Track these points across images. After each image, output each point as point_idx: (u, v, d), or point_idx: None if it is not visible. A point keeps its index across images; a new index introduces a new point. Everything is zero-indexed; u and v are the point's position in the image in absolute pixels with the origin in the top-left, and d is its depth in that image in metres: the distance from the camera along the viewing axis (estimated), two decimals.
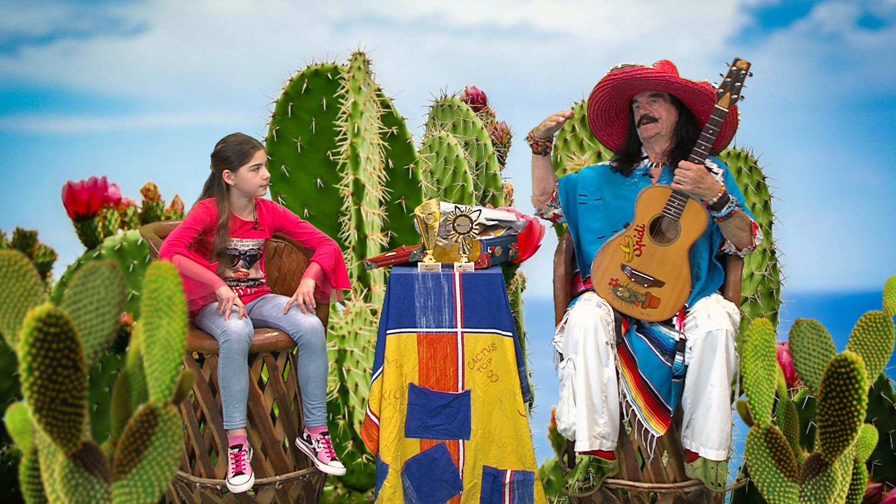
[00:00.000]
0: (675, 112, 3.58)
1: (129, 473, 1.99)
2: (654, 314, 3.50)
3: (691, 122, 3.58)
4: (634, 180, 3.62)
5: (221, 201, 3.55)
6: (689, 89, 3.50)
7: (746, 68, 3.47)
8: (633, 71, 3.52)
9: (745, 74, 3.47)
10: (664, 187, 3.50)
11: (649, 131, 3.58)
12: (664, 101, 3.56)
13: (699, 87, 3.49)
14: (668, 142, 3.60)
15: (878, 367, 2.61)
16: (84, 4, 24.82)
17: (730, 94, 3.46)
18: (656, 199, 3.49)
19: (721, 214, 3.44)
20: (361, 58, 4.30)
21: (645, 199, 3.51)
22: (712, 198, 3.42)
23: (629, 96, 3.62)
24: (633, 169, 3.65)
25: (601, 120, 3.69)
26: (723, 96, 3.46)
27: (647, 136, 3.59)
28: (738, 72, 3.47)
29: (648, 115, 3.57)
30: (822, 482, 2.47)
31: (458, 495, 3.55)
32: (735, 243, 3.55)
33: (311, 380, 3.54)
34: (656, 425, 3.44)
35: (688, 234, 3.47)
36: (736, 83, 3.46)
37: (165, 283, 1.99)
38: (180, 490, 3.58)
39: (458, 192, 4.48)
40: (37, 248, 4.77)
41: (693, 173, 3.42)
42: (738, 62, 3.48)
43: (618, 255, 3.52)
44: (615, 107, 3.66)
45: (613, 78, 3.55)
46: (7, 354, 4.42)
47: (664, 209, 3.48)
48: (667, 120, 3.57)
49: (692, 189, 3.42)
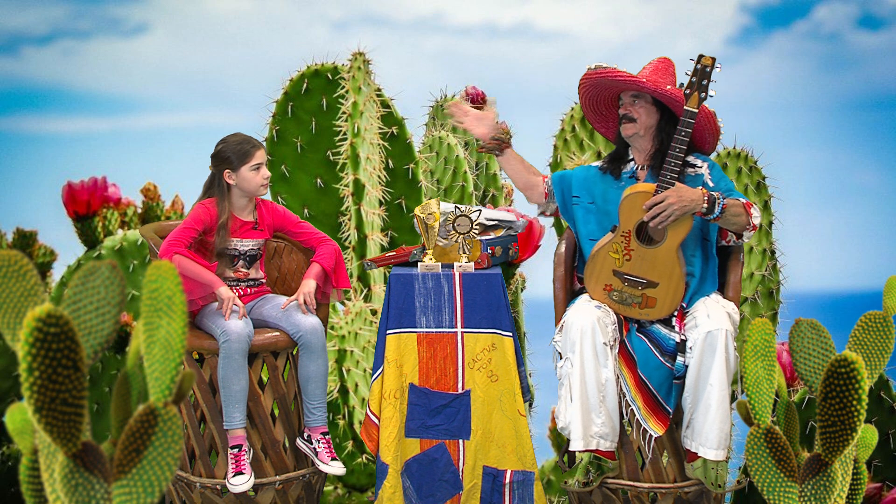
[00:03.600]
0: (656, 113, 3.56)
1: (129, 473, 1.99)
2: (653, 313, 3.50)
3: (673, 123, 3.57)
4: (622, 183, 3.62)
5: (221, 201, 3.55)
6: (658, 93, 3.49)
7: (711, 64, 3.40)
8: (605, 72, 3.53)
9: (710, 71, 3.40)
10: (644, 191, 3.46)
11: (627, 131, 3.58)
12: (645, 101, 3.56)
13: (668, 92, 3.46)
14: (649, 143, 3.60)
15: (878, 367, 2.61)
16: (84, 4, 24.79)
17: (698, 94, 3.42)
18: (639, 204, 3.47)
19: (715, 215, 3.43)
20: (361, 58, 4.31)
21: (628, 204, 3.48)
22: (702, 205, 3.42)
23: (614, 94, 3.63)
24: (622, 171, 3.65)
25: (593, 114, 3.74)
26: (690, 96, 3.41)
27: (626, 136, 3.59)
28: (703, 69, 3.40)
29: (628, 115, 3.57)
30: (822, 482, 2.47)
31: (458, 495, 3.55)
32: (736, 231, 3.54)
33: (311, 380, 3.54)
34: (655, 425, 3.44)
35: (675, 234, 3.46)
36: (703, 81, 3.39)
37: (165, 283, 1.99)
38: (180, 490, 3.58)
39: (458, 192, 4.48)
40: (37, 248, 4.77)
41: (672, 199, 3.38)
42: (703, 59, 3.40)
43: (608, 262, 3.51)
44: (604, 102, 3.68)
45: (588, 78, 3.58)
46: (7, 354, 4.42)
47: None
48: (645, 121, 3.56)
49: (680, 212, 3.41)
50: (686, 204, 3.40)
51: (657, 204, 3.40)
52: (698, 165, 3.56)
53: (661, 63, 3.57)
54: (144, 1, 26.73)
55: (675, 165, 3.42)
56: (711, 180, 3.55)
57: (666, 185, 3.42)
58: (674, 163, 3.42)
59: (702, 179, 3.54)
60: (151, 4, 26.12)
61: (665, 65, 3.57)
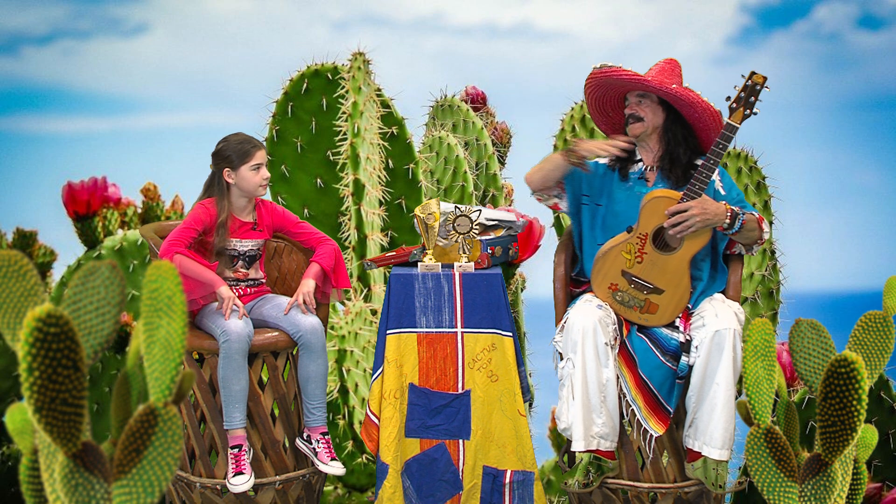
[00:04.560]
0: (662, 113, 3.57)
1: (129, 473, 1.99)
2: (653, 319, 3.50)
3: (679, 124, 3.57)
4: (630, 184, 3.61)
5: (221, 201, 3.55)
6: (664, 92, 3.49)
7: (762, 82, 3.38)
8: (610, 71, 3.52)
9: (760, 89, 3.39)
10: (670, 197, 3.46)
11: (634, 130, 3.57)
12: (651, 101, 3.56)
13: (673, 91, 3.47)
14: (656, 143, 3.60)
15: (878, 367, 2.61)
16: (84, 4, 24.84)
17: (743, 110, 3.40)
18: (662, 209, 3.46)
19: (735, 230, 3.44)
20: (361, 58, 4.30)
21: (650, 207, 3.47)
22: (724, 221, 3.42)
23: (621, 94, 3.62)
24: (629, 171, 3.64)
25: (599, 115, 3.73)
26: (735, 111, 3.40)
27: (633, 135, 3.59)
28: (753, 86, 3.39)
29: (634, 114, 3.57)
30: (822, 482, 2.47)
31: (458, 495, 3.55)
32: (745, 244, 3.56)
33: (311, 380, 3.54)
34: (655, 425, 3.44)
35: (691, 245, 3.46)
36: (750, 98, 3.38)
37: (165, 283, 1.99)
38: (180, 490, 3.58)
39: (458, 192, 4.48)
40: (37, 248, 4.77)
41: (696, 210, 3.38)
42: (755, 76, 3.39)
43: (619, 261, 3.51)
44: (610, 102, 3.67)
45: (594, 77, 3.57)
46: (7, 354, 4.42)
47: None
48: (652, 120, 3.56)
49: (702, 224, 3.41)
50: (710, 217, 3.40)
51: (681, 213, 3.40)
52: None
53: (667, 64, 3.57)
54: (144, 1, 26.77)
55: (706, 177, 3.41)
56: (723, 188, 3.56)
57: (693, 194, 3.41)
58: (705, 174, 3.41)
59: (713, 186, 3.54)
60: (151, 4, 26.17)
61: (671, 66, 3.57)
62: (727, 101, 3.42)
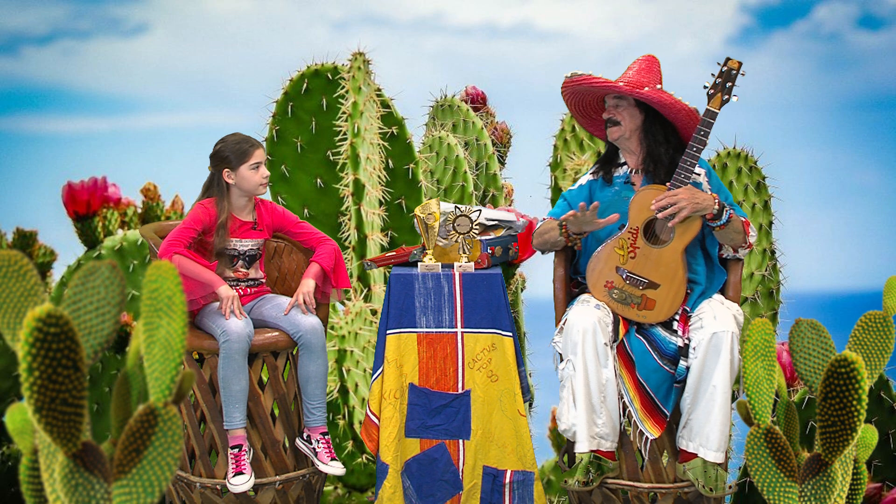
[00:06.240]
0: (640, 115, 3.57)
1: (129, 473, 1.98)
2: (651, 316, 3.50)
3: (658, 123, 3.57)
4: (615, 188, 3.62)
5: (220, 201, 3.55)
6: (637, 94, 3.49)
7: (738, 68, 3.45)
8: (581, 80, 3.56)
9: (736, 74, 3.45)
10: (657, 188, 3.49)
11: (612, 134, 3.60)
12: (628, 104, 3.57)
13: (646, 94, 3.48)
14: (637, 145, 3.60)
15: (878, 367, 2.61)
16: (84, 4, 24.85)
17: (721, 95, 3.44)
18: (650, 201, 3.47)
19: (722, 222, 3.44)
20: (361, 58, 4.30)
21: (638, 201, 3.50)
22: (713, 207, 3.42)
23: (599, 97, 3.64)
24: (614, 175, 3.65)
25: (582, 118, 3.76)
26: (713, 97, 3.44)
27: (612, 139, 3.61)
28: (729, 72, 3.45)
29: (612, 118, 3.59)
30: (822, 482, 2.47)
31: (458, 495, 3.55)
32: (732, 246, 3.55)
33: (311, 380, 3.55)
34: (651, 427, 3.44)
35: (682, 236, 3.47)
36: (727, 83, 3.44)
37: (165, 283, 1.99)
38: (180, 490, 3.58)
39: (458, 192, 4.48)
40: (37, 248, 4.77)
41: (684, 196, 3.40)
42: (730, 62, 3.46)
43: (612, 258, 3.52)
44: (591, 105, 3.70)
45: (566, 87, 3.62)
46: (7, 354, 4.42)
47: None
48: (629, 123, 3.58)
49: (691, 210, 3.41)
50: (699, 202, 3.41)
51: (670, 201, 3.40)
52: (696, 172, 3.56)
53: (644, 62, 3.58)
54: (144, 1, 26.79)
55: (691, 164, 3.44)
56: (711, 189, 3.56)
57: (679, 183, 3.43)
58: (690, 161, 3.44)
59: (701, 187, 3.55)
60: (151, 4, 26.20)
61: (649, 63, 3.57)
62: (704, 88, 3.47)
